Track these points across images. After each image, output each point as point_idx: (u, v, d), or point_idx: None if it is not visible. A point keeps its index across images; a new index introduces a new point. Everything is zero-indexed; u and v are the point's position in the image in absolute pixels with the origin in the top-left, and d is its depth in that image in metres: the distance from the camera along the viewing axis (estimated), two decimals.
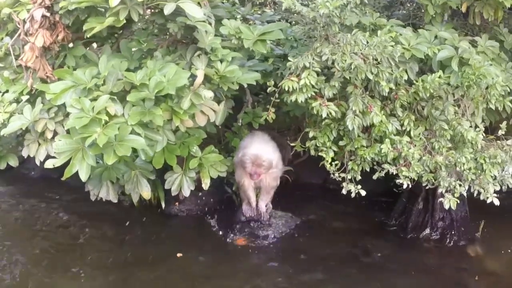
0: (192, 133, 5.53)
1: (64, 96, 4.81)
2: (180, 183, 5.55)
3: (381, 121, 5.11)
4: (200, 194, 6.27)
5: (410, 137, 5.22)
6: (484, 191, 5.25)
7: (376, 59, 5.00)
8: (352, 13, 5.61)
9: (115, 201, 5.45)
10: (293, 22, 5.83)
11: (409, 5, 6.80)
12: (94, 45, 5.80)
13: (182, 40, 5.42)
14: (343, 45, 5.06)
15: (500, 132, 5.40)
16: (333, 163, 5.27)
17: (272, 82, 5.23)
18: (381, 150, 5.09)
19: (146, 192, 5.47)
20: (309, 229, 6.09)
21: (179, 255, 5.46)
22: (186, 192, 5.57)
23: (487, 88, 5.19)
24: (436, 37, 5.54)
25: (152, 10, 5.19)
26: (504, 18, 6.43)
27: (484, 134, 5.27)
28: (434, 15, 5.73)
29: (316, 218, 6.31)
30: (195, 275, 5.20)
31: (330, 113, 5.07)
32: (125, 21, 4.68)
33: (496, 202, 5.16)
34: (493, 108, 5.32)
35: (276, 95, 5.24)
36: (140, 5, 4.73)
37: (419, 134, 5.27)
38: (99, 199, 5.45)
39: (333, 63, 5.00)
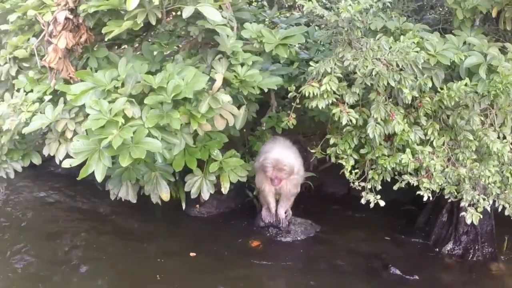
0: (214, 136, 5.48)
1: (84, 97, 4.81)
2: (200, 186, 5.51)
3: (403, 130, 4.92)
4: (221, 197, 6.18)
5: (433, 147, 5.02)
6: (509, 206, 5.02)
7: (398, 65, 4.83)
8: (377, 17, 5.48)
9: (134, 201, 5.43)
10: (322, 26, 5.68)
11: (440, 9, 6.53)
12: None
13: (210, 42, 5.37)
14: (366, 51, 4.91)
15: None
16: (353, 171, 5.11)
17: (293, 87, 5.12)
18: (401, 160, 4.91)
19: (165, 194, 5.43)
20: (329, 238, 5.92)
21: (192, 254, 5.42)
22: (205, 195, 5.51)
23: None
24: (465, 43, 5.31)
25: (174, 13, 5.16)
26: None
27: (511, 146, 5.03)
28: (463, 20, 5.50)
29: (337, 227, 6.11)
30: (206, 275, 5.15)
31: (351, 120, 4.92)
32: (143, 24, 4.66)
33: None
34: None
35: (297, 100, 5.13)
36: (158, 9, 4.70)
37: (442, 144, 5.06)
38: (119, 198, 5.45)
39: (355, 68, 4.86)
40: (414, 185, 4.93)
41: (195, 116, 4.76)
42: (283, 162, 5.48)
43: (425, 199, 4.91)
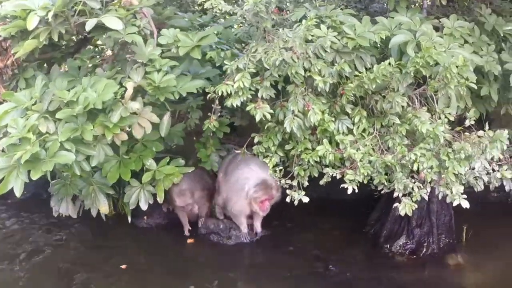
0: (149, 146, 5.33)
1: (7, 117, 4.80)
2: (138, 197, 5.33)
3: (323, 120, 4.52)
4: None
5: (354, 135, 4.57)
6: (451, 192, 4.42)
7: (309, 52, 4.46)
8: (301, 7, 5.14)
9: (75, 216, 5.37)
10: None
11: None
12: None
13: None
14: (277, 41, 4.58)
15: (468, 122, 4.56)
16: (277, 169, 4.73)
17: (212, 88, 4.84)
18: (317, 151, 4.49)
19: (104, 207, 5.29)
20: (273, 241, 5.48)
21: (123, 266, 5.13)
22: (143, 206, 5.32)
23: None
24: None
25: None
26: None
27: (446, 126, 4.47)
28: (398, 1, 5.06)
29: (283, 229, 5.65)
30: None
31: (265, 116, 4.58)
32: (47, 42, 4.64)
33: (465, 205, 4.32)
34: (453, 94, 4.51)
35: (217, 101, 4.87)
36: (62, 25, 4.64)
37: (365, 131, 4.60)
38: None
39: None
40: (338, 177, 4.49)
41: (108, 126, 4.64)
42: (270, 181, 5.11)
43: (349, 192, 4.41)
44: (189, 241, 5.55)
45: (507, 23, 5.22)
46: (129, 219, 5.70)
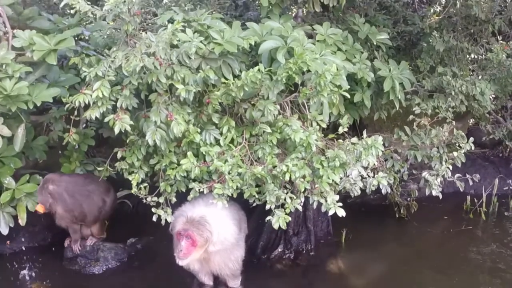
0: (7, 162, 4.57)
1: None
2: None
3: (188, 131, 3.99)
4: (34, 229, 5.11)
5: (221, 147, 4.09)
6: (326, 201, 4.03)
7: (173, 59, 3.91)
8: (169, 11, 4.61)
9: None
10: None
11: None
12: None
13: None
14: (139, 46, 3.99)
15: (341, 130, 4.22)
16: (142, 186, 4.07)
17: (69, 98, 4.14)
18: (181, 166, 3.95)
19: None
20: (145, 260, 4.83)
21: None
22: (4, 230, 4.54)
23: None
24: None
25: None
26: (361, 7, 5.42)
27: (318, 134, 4.09)
28: (270, 8, 4.65)
29: (154, 246, 4.94)
30: None
31: (125, 128, 3.96)
32: None
33: (341, 213, 3.95)
34: (326, 101, 4.16)
35: (76, 112, 4.19)
36: None
37: (234, 141, 4.13)
38: None
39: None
40: (205, 192, 3.97)
41: None
42: (192, 216, 3.93)
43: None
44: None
45: (380, 32, 5.06)
46: None
